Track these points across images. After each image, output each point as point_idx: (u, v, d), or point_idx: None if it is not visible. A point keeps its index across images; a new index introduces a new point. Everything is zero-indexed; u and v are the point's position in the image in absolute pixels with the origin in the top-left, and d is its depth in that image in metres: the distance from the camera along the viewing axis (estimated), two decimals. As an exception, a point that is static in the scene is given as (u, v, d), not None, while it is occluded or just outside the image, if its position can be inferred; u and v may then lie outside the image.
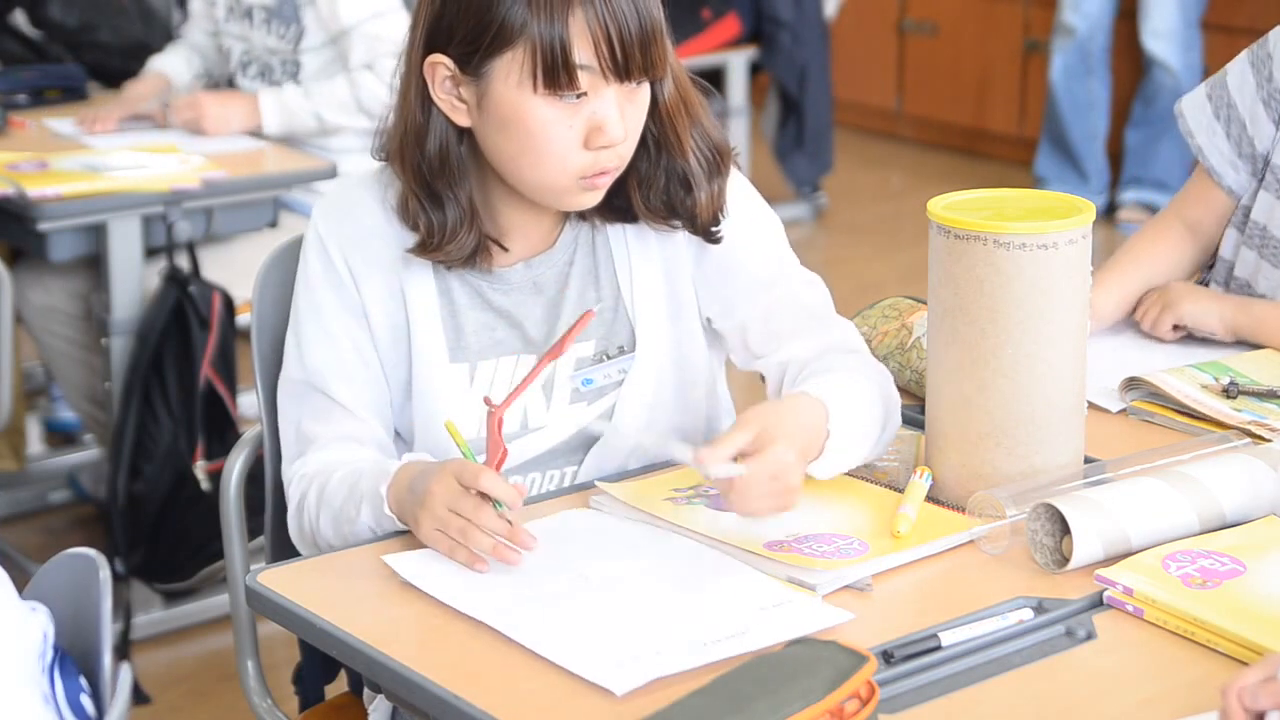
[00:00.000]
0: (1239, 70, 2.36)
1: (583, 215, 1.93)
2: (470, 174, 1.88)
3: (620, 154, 1.84)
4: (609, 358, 1.95)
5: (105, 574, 1.54)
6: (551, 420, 1.94)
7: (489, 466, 1.71)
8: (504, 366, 1.92)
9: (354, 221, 1.91)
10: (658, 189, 1.90)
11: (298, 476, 1.90)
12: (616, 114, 1.81)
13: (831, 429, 1.79)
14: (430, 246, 1.87)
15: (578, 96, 1.79)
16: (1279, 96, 2.31)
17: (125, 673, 1.52)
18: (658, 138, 1.89)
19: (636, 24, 1.80)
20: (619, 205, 1.91)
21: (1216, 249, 2.39)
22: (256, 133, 3.61)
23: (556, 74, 1.78)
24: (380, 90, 3.56)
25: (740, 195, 1.97)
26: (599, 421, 1.92)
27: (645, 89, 1.84)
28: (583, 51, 1.78)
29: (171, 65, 3.83)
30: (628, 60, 1.79)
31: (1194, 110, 2.40)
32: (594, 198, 1.87)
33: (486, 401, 1.76)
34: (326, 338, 1.91)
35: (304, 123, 3.60)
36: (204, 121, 3.56)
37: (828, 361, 1.89)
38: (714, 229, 1.93)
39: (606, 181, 1.86)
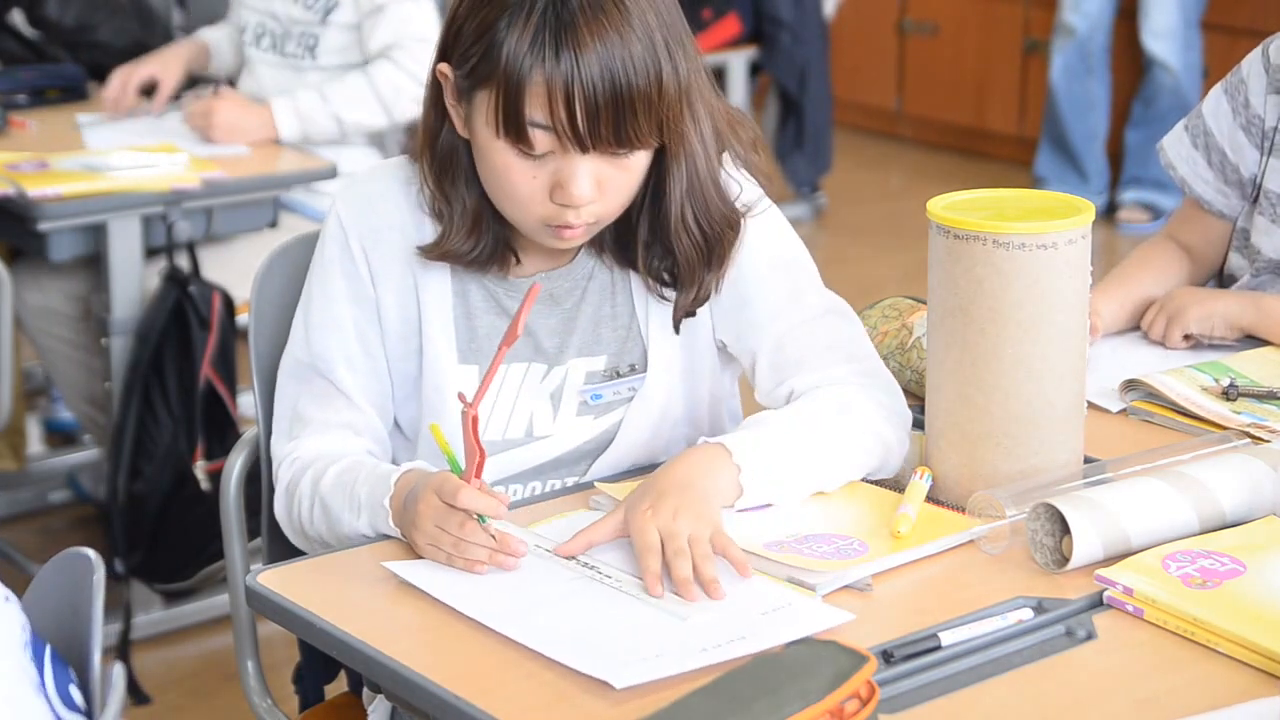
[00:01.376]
0: (1214, 98, 2.36)
1: (599, 247, 1.91)
2: (477, 181, 1.85)
3: (595, 212, 1.80)
4: (620, 375, 1.93)
5: (99, 575, 1.54)
6: (557, 430, 1.93)
7: (469, 472, 1.69)
8: (514, 373, 1.92)
9: (377, 214, 1.90)
10: (654, 265, 1.88)
11: (289, 459, 1.89)
12: (585, 176, 1.76)
13: (741, 463, 1.75)
14: (437, 246, 1.87)
15: (539, 156, 1.76)
16: (1258, 122, 2.31)
17: (119, 671, 1.52)
18: (655, 220, 1.85)
19: (608, 93, 1.71)
20: (630, 259, 1.89)
21: (1220, 270, 2.39)
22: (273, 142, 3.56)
23: (511, 128, 1.74)
24: (401, 80, 3.48)
25: (764, 222, 1.93)
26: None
27: (637, 154, 1.78)
28: (537, 113, 1.73)
29: (214, 36, 3.80)
30: (590, 131, 1.72)
31: (1173, 144, 2.39)
32: (566, 244, 1.84)
33: (460, 398, 1.72)
34: (335, 325, 1.90)
35: (323, 127, 3.53)
36: (213, 131, 3.50)
37: (800, 398, 1.87)
38: (693, 312, 1.89)
39: (575, 235, 1.81)
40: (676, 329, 1.91)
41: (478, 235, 1.87)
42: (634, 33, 1.73)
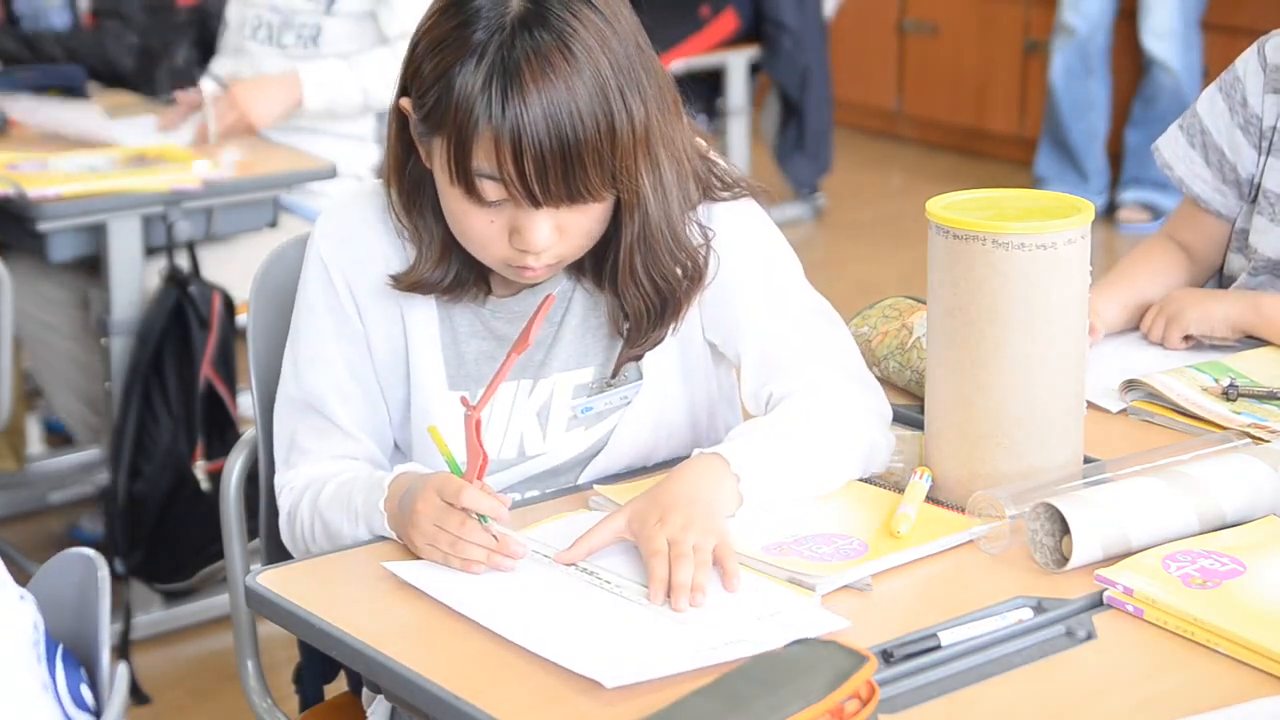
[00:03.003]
0: (1208, 97, 2.35)
1: (579, 270, 1.89)
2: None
3: (556, 254, 1.77)
4: (611, 385, 1.92)
5: (104, 574, 1.55)
6: (549, 448, 1.92)
7: (471, 473, 1.69)
8: (503, 392, 1.90)
9: (356, 244, 1.89)
10: (622, 300, 1.86)
11: (289, 487, 1.89)
12: (542, 225, 1.73)
13: (740, 473, 1.75)
14: (407, 276, 1.85)
15: (493, 203, 1.73)
16: (1256, 121, 2.30)
17: (122, 671, 1.52)
18: (613, 267, 1.82)
19: (555, 146, 1.68)
20: (603, 284, 1.88)
21: (1220, 269, 2.39)
22: (295, 113, 3.51)
23: (460, 178, 1.72)
24: None
25: (751, 225, 1.91)
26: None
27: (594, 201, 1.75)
28: (484, 165, 1.70)
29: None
30: (540, 186, 1.69)
31: (1168, 144, 2.39)
32: (530, 281, 1.83)
33: (464, 402, 1.71)
34: (324, 361, 1.89)
35: (348, 97, 3.48)
36: (251, 118, 3.44)
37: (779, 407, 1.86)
38: (638, 357, 1.89)
39: (538, 274, 1.80)
40: (614, 373, 1.90)
41: (446, 264, 1.85)
42: (582, 83, 1.69)
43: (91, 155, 3.35)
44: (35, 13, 4.25)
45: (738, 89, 5.81)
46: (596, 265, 1.87)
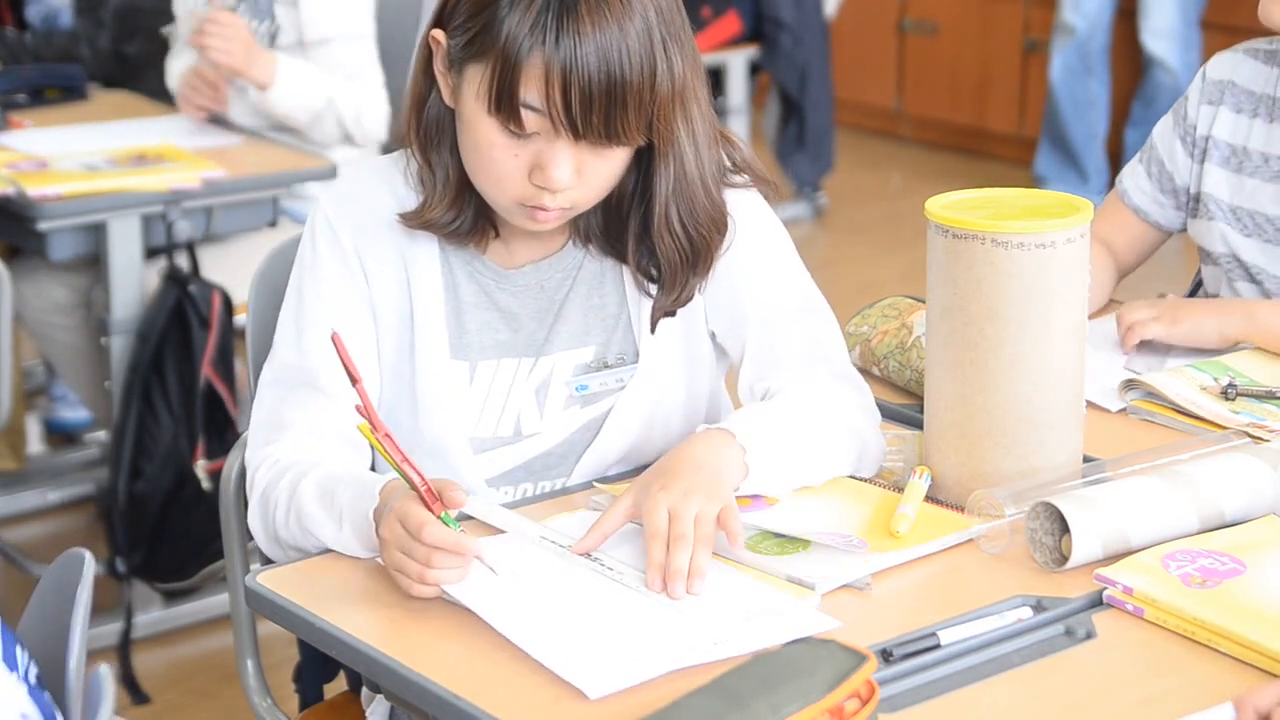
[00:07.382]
0: (1164, 118, 2.46)
1: (585, 237, 1.91)
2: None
3: (571, 198, 1.79)
4: (608, 366, 1.92)
5: (87, 576, 1.53)
6: (546, 427, 1.92)
7: (420, 491, 1.63)
8: (504, 368, 1.91)
9: (365, 209, 1.89)
10: (643, 262, 1.88)
11: (268, 461, 1.83)
12: (566, 162, 1.76)
13: (746, 445, 1.76)
14: (418, 214, 1.86)
15: (525, 135, 1.75)
16: (1193, 132, 2.39)
17: (106, 672, 1.50)
18: (645, 216, 1.85)
19: (601, 84, 1.72)
20: (618, 251, 1.89)
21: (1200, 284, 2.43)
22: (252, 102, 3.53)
23: (503, 106, 1.74)
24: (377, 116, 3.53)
25: (757, 214, 1.93)
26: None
27: (619, 149, 1.78)
28: (532, 95, 1.73)
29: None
30: (583, 119, 1.73)
31: (1129, 168, 2.47)
32: (539, 227, 1.83)
33: (359, 411, 1.65)
34: (329, 325, 1.87)
35: (312, 101, 3.49)
36: (210, 48, 3.39)
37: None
38: (672, 313, 1.90)
39: (550, 218, 1.81)
40: (653, 328, 1.91)
41: (459, 206, 1.86)
42: (633, 26, 1.74)
43: (91, 155, 3.35)
44: (46, 15, 4.25)
45: (738, 89, 5.81)
46: (605, 228, 1.88)
